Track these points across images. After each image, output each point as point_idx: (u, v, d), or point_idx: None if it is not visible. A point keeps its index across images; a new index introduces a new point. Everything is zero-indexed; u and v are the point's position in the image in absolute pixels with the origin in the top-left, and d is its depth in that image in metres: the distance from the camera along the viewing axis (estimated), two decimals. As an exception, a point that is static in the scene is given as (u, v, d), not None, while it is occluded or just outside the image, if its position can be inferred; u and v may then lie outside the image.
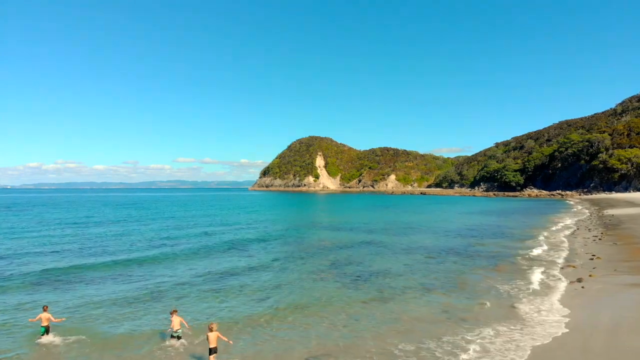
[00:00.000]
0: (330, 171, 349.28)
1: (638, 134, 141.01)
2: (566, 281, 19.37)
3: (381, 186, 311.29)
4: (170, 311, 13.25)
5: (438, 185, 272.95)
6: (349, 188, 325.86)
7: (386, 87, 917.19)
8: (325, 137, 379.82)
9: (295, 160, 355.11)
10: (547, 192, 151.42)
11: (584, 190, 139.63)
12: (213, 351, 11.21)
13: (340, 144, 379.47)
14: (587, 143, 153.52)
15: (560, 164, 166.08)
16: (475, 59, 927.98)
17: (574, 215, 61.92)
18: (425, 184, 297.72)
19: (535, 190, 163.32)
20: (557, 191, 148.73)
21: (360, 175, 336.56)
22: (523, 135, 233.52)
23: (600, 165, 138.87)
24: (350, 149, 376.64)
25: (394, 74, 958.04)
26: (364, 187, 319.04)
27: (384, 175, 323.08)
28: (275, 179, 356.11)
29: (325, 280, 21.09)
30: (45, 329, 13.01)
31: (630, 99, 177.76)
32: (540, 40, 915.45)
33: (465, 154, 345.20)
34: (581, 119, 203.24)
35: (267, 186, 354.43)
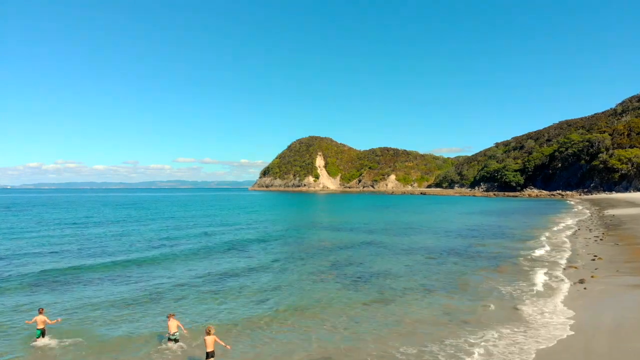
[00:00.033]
0: (330, 171, 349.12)
1: (638, 134, 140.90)
2: (568, 282, 19.18)
3: (381, 186, 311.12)
4: (167, 315, 13.08)
5: (438, 185, 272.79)
6: (349, 188, 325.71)
7: (386, 87, 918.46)
8: (325, 137, 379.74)
9: (295, 160, 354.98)
10: (548, 192, 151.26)
11: (584, 191, 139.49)
12: (210, 355, 11.00)
13: (340, 144, 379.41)
14: (588, 143, 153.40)
15: (561, 164, 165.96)
16: (475, 59, 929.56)
17: (574, 215, 61.73)
18: (425, 184, 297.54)
19: (535, 190, 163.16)
20: (558, 191, 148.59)
21: (360, 175, 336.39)
22: (523, 135, 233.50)
23: (601, 166, 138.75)
24: (350, 149, 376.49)
25: (394, 74, 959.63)
26: (364, 187, 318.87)
27: (384, 175, 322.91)
28: (275, 179, 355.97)
29: (326, 281, 20.91)
30: (41, 331, 12.82)
31: (631, 99, 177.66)
32: (540, 40, 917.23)
33: (465, 154, 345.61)
34: (581, 119, 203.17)
35: (267, 186, 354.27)
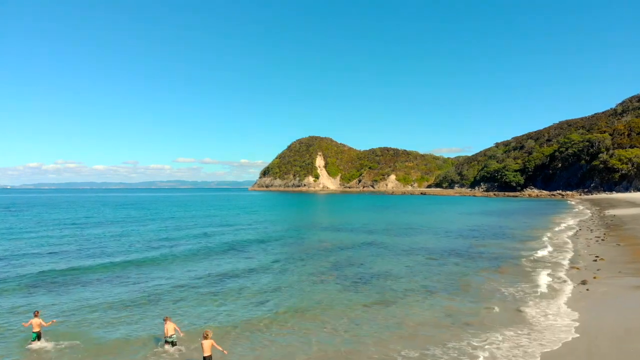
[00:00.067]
0: (330, 171, 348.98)
1: (638, 134, 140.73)
2: (571, 284, 19.01)
3: (381, 186, 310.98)
4: (164, 318, 12.91)
5: (438, 185, 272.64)
6: (349, 188, 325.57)
7: (386, 87, 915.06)
8: (325, 137, 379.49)
9: (295, 160, 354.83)
10: (548, 192, 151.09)
11: (585, 191, 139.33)
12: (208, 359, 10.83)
13: (340, 144, 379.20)
14: (588, 143, 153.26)
15: (561, 164, 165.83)
16: (475, 59, 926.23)
17: (575, 215, 61.56)
18: (426, 184, 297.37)
19: (535, 191, 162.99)
20: (558, 191, 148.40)
21: (360, 175, 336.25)
22: (523, 135, 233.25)
23: (601, 166, 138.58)
24: (350, 149, 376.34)
25: (394, 74, 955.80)
26: (364, 187, 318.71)
27: (384, 175, 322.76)
28: (275, 179, 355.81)
29: (326, 282, 20.73)
30: (36, 334, 12.63)
31: (631, 99, 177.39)
32: (540, 40, 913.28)
33: (465, 154, 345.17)
34: (581, 119, 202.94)
35: (267, 186, 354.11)
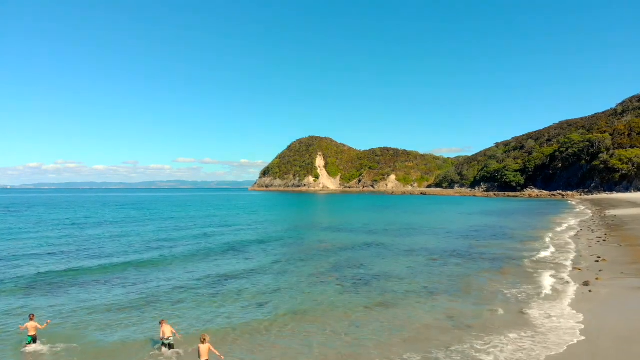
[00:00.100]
0: (330, 171, 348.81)
1: (639, 134, 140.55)
2: (574, 285, 18.82)
3: (381, 186, 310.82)
4: (160, 321, 12.75)
5: (438, 185, 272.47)
6: (349, 188, 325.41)
7: (386, 87, 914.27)
8: (325, 137, 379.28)
9: (295, 160, 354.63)
10: (548, 192, 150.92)
11: (585, 191, 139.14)
12: None
13: (340, 144, 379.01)
14: (588, 143, 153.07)
15: (561, 164, 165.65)
16: (475, 59, 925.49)
17: (576, 216, 61.38)
18: (426, 184, 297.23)
19: (535, 191, 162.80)
20: (558, 191, 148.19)
21: (360, 175, 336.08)
22: (523, 135, 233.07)
23: (601, 166, 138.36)
24: (350, 149, 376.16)
25: (394, 74, 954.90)
26: (364, 187, 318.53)
27: (384, 175, 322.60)
28: (275, 179, 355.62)
29: (326, 284, 20.53)
30: (32, 338, 12.43)
31: (631, 99, 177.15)
32: (540, 40, 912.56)
33: (465, 154, 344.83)
34: (581, 119, 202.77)
35: (267, 186, 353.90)
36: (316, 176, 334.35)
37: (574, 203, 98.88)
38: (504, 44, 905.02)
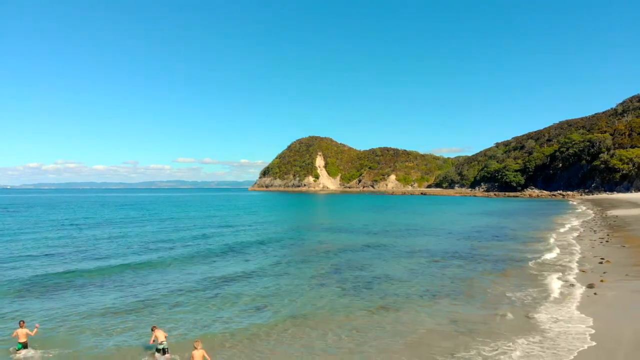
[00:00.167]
0: (330, 171, 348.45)
1: (639, 134, 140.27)
2: (579, 287, 18.46)
3: (381, 186, 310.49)
4: (152, 327, 12.42)
5: (438, 185, 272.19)
6: (349, 188, 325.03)
7: (386, 87, 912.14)
8: (325, 137, 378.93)
9: (295, 160, 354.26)
10: (548, 193, 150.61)
11: (585, 191, 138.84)
12: None
13: (340, 144, 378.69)
14: (588, 143, 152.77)
15: (561, 164, 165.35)
16: (475, 59, 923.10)
17: (578, 216, 61.04)
18: (426, 184, 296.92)
19: (536, 191, 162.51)
20: (558, 191, 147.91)
21: (360, 175, 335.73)
22: (523, 135, 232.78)
23: (602, 166, 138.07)
24: (350, 149, 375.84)
25: (394, 74, 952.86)
26: (364, 187, 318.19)
27: (384, 175, 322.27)
28: (275, 179, 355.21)
29: (327, 286, 20.14)
30: (22, 345, 12.05)
31: (631, 99, 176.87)
32: (540, 40, 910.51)
33: (465, 154, 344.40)
34: (582, 118, 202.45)
35: (267, 186, 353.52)
36: (316, 176, 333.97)
37: (574, 203, 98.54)
38: (504, 44, 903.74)
